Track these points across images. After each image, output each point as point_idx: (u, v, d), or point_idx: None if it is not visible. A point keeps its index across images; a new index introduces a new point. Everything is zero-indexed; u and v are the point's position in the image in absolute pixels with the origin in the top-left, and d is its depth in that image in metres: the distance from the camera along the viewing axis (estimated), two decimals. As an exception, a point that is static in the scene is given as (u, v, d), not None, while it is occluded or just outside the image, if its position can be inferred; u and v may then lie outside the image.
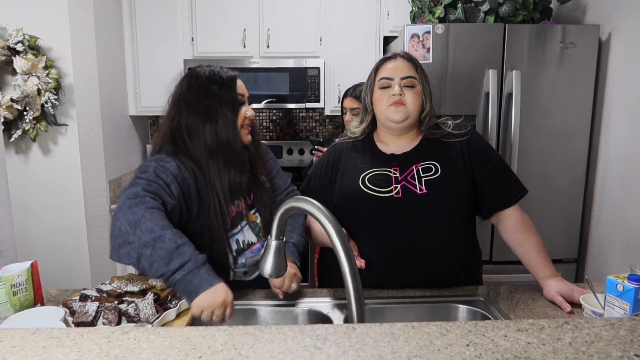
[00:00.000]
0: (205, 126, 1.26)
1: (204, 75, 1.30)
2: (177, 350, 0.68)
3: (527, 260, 1.33)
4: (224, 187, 1.26)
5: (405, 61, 1.35)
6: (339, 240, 0.88)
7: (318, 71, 2.81)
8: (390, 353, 0.66)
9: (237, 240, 1.32)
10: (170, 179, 1.20)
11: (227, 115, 1.27)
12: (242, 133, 1.32)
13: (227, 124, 1.27)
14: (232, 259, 1.31)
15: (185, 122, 1.27)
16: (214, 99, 1.27)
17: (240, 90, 1.32)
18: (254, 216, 1.38)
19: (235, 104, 1.29)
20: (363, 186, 1.33)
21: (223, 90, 1.28)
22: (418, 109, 1.33)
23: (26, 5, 2.27)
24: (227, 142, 1.27)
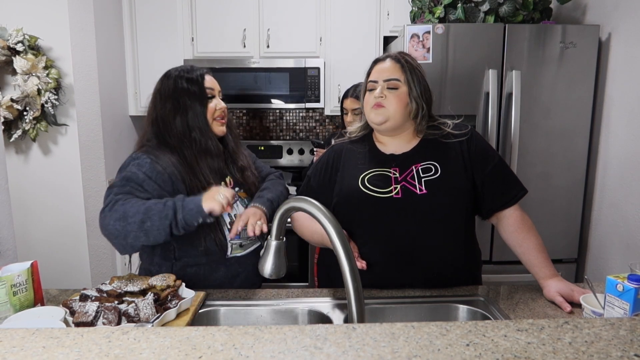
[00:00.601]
0: (176, 118, 1.40)
1: (175, 73, 1.45)
2: (177, 350, 0.68)
3: (527, 260, 1.33)
4: (204, 170, 1.38)
5: (393, 62, 1.33)
6: (339, 240, 0.88)
7: (318, 71, 2.81)
8: (390, 353, 0.66)
9: (229, 214, 1.41)
10: (141, 177, 1.30)
11: (196, 108, 1.40)
12: (214, 124, 1.45)
13: (197, 115, 1.40)
14: (227, 231, 1.40)
15: (160, 117, 1.41)
16: (182, 93, 1.41)
17: (209, 85, 1.45)
18: (242, 193, 1.50)
19: (204, 98, 1.42)
20: (362, 187, 1.33)
21: (191, 85, 1.41)
22: (400, 111, 1.31)
23: (26, 5, 2.27)
24: (198, 131, 1.40)
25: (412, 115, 1.33)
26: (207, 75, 1.46)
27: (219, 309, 1.26)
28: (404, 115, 1.32)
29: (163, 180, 1.33)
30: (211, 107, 1.43)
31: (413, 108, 1.32)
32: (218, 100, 1.47)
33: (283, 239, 1.01)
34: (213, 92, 1.45)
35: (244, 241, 1.43)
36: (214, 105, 1.44)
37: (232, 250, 1.41)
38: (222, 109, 1.47)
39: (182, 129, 1.39)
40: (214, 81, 1.48)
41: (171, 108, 1.40)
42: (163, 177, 1.33)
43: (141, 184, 1.30)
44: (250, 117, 3.35)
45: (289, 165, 3.23)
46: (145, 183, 1.30)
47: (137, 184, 1.30)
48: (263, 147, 3.26)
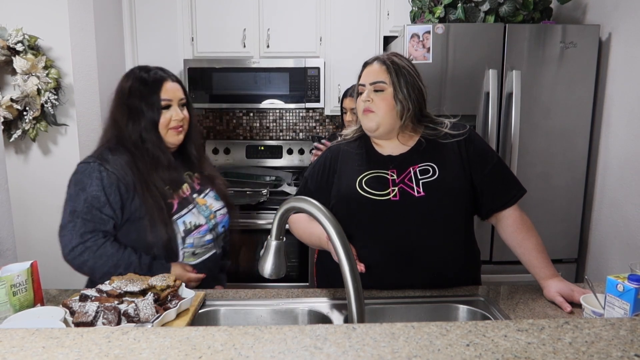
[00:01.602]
0: (129, 125, 1.37)
1: (134, 76, 1.41)
2: (177, 350, 0.68)
3: (527, 261, 1.32)
4: (157, 182, 1.36)
5: (379, 65, 1.32)
6: (339, 240, 0.88)
7: (318, 71, 2.81)
8: (390, 353, 0.66)
9: (184, 221, 1.39)
10: (102, 201, 1.31)
11: (148, 117, 1.37)
12: (169, 134, 1.41)
13: (149, 125, 1.37)
14: (180, 240, 1.38)
15: (115, 119, 1.40)
16: (137, 99, 1.37)
17: (167, 95, 1.39)
18: (203, 200, 1.47)
19: (157, 107, 1.38)
20: (360, 189, 1.33)
21: (147, 93, 1.37)
22: (388, 114, 1.30)
23: (26, 5, 2.27)
24: (150, 142, 1.37)
25: (398, 116, 1.31)
26: (167, 83, 1.41)
27: (219, 309, 1.26)
28: (394, 118, 1.31)
29: (120, 196, 1.33)
30: (166, 117, 1.39)
31: (398, 109, 1.30)
32: (176, 110, 1.40)
33: (283, 239, 1.01)
34: (170, 102, 1.40)
35: (197, 249, 1.43)
36: (169, 116, 1.39)
37: (184, 259, 1.40)
38: (179, 119, 1.41)
39: (134, 137, 1.37)
40: (175, 89, 1.42)
41: (125, 113, 1.38)
42: (119, 190, 1.33)
43: (101, 209, 1.31)
44: (250, 117, 3.35)
45: (289, 165, 3.23)
46: (105, 209, 1.32)
47: (98, 211, 1.31)
48: (263, 147, 3.26)
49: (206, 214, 1.45)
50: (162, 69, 1.45)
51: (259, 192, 2.91)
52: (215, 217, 1.48)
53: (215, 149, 3.25)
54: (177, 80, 1.46)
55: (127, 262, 1.31)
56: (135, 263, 1.32)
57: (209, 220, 1.45)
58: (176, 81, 1.45)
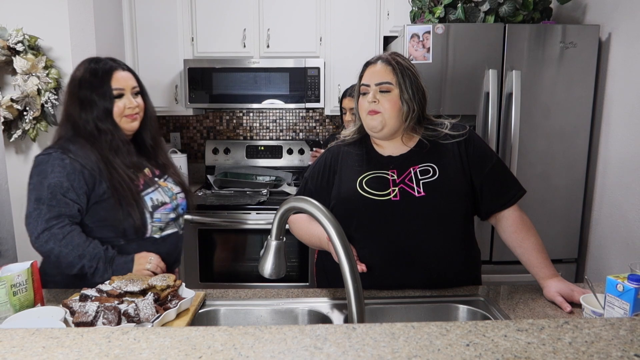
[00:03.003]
0: (81, 115, 1.40)
1: (84, 67, 1.43)
2: (177, 350, 0.68)
3: (527, 261, 1.32)
4: (119, 166, 1.40)
5: (384, 65, 1.31)
6: (339, 240, 0.88)
7: (318, 71, 2.81)
8: (390, 353, 0.66)
9: (152, 198, 1.46)
10: (66, 187, 1.34)
11: (101, 106, 1.40)
12: (123, 121, 1.44)
13: (102, 114, 1.40)
14: (148, 214, 1.44)
15: (69, 111, 1.42)
16: (88, 90, 1.40)
17: (118, 84, 1.42)
18: (164, 183, 1.54)
19: (109, 96, 1.40)
20: (360, 189, 1.33)
21: (97, 83, 1.40)
22: (394, 115, 1.30)
23: (26, 5, 2.27)
24: (105, 130, 1.40)
25: (404, 117, 1.31)
26: (118, 72, 1.43)
27: (219, 309, 1.26)
28: (399, 118, 1.31)
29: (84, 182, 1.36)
30: (120, 106, 1.42)
31: (405, 110, 1.30)
32: (128, 98, 1.44)
33: (283, 239, 1.01)
34: (123, 90, 1.42)
35: (163, 224, 1.48)
36: (122, 105, 1.42)
37: (152, 232, 1.46)
38: (133, 107, 1.44)
39: (90, 127, 1.40)
40: (127, 77, 1.45)
41: (78, 104, 1.40)
42: (84, 176, 1.36)
43: (65, 194, 1.34)
44: (250, 117, 3.35)
45: (289, 165, 3.23)
46: (69, 193, 1.34)
47: (62, 196, 1.33)
48: (263, 147, 3.26)
49: (169, 195, 1.52)
50: (113, 59, 1.47)
51: (259, 192, 2.91)
52: (177, 199, 1.55)
53: (215, 149, 3.25)
54: (129, 69, 1.48)
55: (93, 253, 1.34)
56: (100, 255, 1.34)
57: (172, 200, 1.52)
58: (127, 70, 1.47)
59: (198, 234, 2.65)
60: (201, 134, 3.36)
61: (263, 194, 2.86)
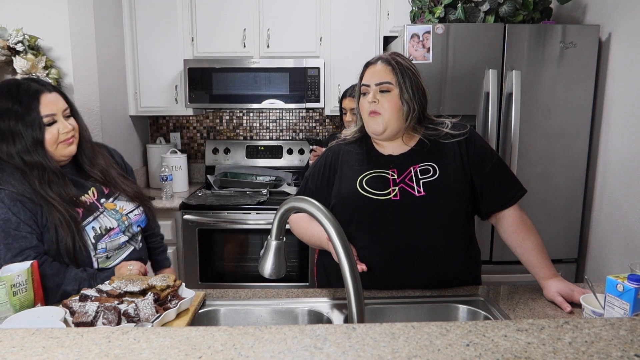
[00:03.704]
0: (2, 148, 1.24)
1: (3, 95, 1.25)
2: (177, 350, 0.68)
3: (527, 261, 1.32)
4: (52, 196, 1.26)
5: (384, 65, 1.31)
6: (339, 240, 0.88)
7: (318, 71, 2.81)
8: (390, 353, 0.66)
9: (93, 227, 1.34)
10: (14, 221, 1.22)
11: (30, 137, 1.24)
12: (60, 148, 1.30)
13: (30, 145, 1.24)
14: (91, 245, 1.33)
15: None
16: (11, 121, 1.23)
17: (49, 110, 1.27)
18: (112, 204, 1.41)
19: (38, 125, 1.25)
20: (361, 189, 1.33)
21: (23, 111, 1.24)
22: (395, 115, 1.30)
23: (26, 5, 2.27)
24: (33, 164, 1.25)
25: (404, 117, 1.31)
26: (45, 95, 1.27)
27: (218, 309, 1.26)
28: (400, 119, 1.31)
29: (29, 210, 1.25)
30: (53, 133, 1.27)
31: (405, 110, 1.30)
32: (62, 123, 1.29)
33: (283, 239, 1.01)
34: (54, 116, 1.28)
35: (110, 253, 1.38)
36: (56, 131, 1.28)
37: (98, 264, 1.36)
38: (67, 132, 1.30)
39: (15, 160, 1.25)
40: (56, 100, 1.29)
41: (3, 144, 1.24)
42: (25, 206, 1.24)
43: (17, 228, 1.23)
44: (250, 117, 3.35)
45: (289, 165, 3.23)
46: (20, 227, 1.23)
47: (16, 231, 1.22)
48: (263, 147, 3.26)
49: (117, 217, 1.40)
50: (35, 80, 1.32)
51: (259, 192, 2.91)
52: (129, 219, 1.43)
53: (215, 149, 3.25)
54: (55, 89, 1.33)
55: (71, 277, 1.26)
56: (79, 276, 1.27)
57: (121, 223, 1.40)
58: (54, 91, 1.31)
59: (198, 234, 2.65)
60: (201, 134, 3.36)
61: (263, 194, 2.86)
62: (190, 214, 2.63)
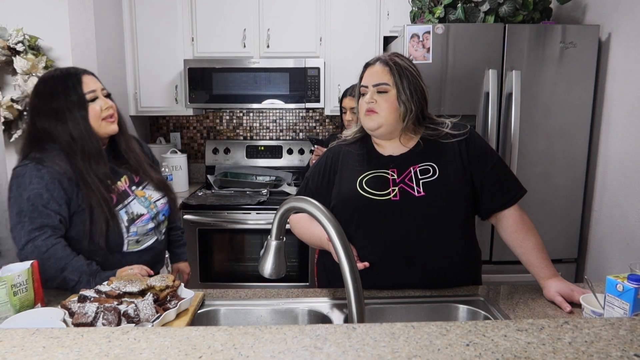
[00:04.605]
0: (57, 127, 1.36)
1: (49, 78, 1.39)
2: (177, 350, 0.68)
3: (527, 261, 1.32)
4: (93, 179, 1.36)
5: (382, 66, 1.32)
6: (339, 240, 0.88)
7: (318, 71, 2.81)
8: (390, 353, 0.66)
9: (127, 211, 1.43)
10: (46, 198, 1.31)
11: (76, 114, 1.37)
12: (103, 125, 1.41)
13: (78, 122, 1.37)
14: (124, 228, 1.42)
15: (41, 127, 1.38)
16: (59, 101, 1.36)
17: (89, 87, 1.39)
18: (142, 192, 1.51)
19: (83, 102, 1.37)
20: (360, 189, 1.33)
21: (67, 91, 1.37)
22: (392, 115, 1.30)
23: (26, 5, 2.27)
24: (81, 139, 1.37)
25: (401, 117, 1.31)
26: (85, 76, 1.41)
27: (218, 309, 1.26)
28: (397, 119, 1.31)
29: (64, 191, 1.33)
30: (96, 109, 1.39)
31: (402, 111, 1.30)
32: (102, 99, 1.42)
33: (283, 239, 1.01)
34: (95, 93, 1.40)
35: (140, 237, 1.47)
36: (99, 107, 1.39)
37: (128, 246, 1.44)
38: (109, 107, 1.42)
39: (64, 138, 1.36)
40: (95, 80, 1.43)
41: (50, 119, 1.37)
42: (62, 185, 1.33)
43: (46, 205, 1.31)
44: (250, 117, 3.35)
45: (289, 165, 3.23)
46: (49, 204, 1.31)
47: (43, 208, 1.31)
48: (263, 147, 3.26)
49: (146, 205, 1.49)
50: (73, 67, 1.45)
51: (259, 192, 2.91)
52: (156, 207, 1.52)
53: (215, 149, 3.25)
54: (92, 73, 1.46)
55: (76, 266, 1.31)
56: (83, 268, 1.32)
57: (150, 210, 1.49)
58: (91, 74, 1.45)
59: (198, 234, 2.65)
60: (201, 134, 3.36)
61: (263, 194, 2.86)
62: (190, 214, 2.64)
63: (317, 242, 1.36)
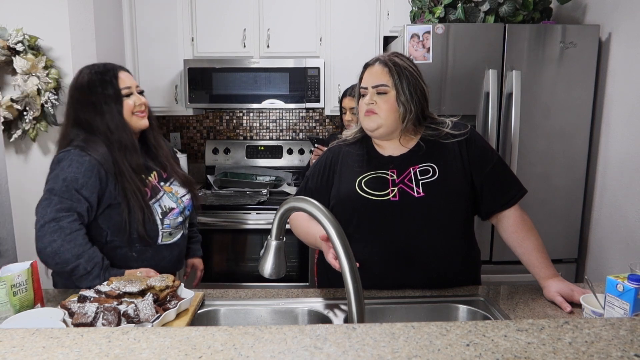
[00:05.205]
0: (95, 119, 1.44)
1: (88, 74, 1.46)
2: (177, 350, 0.68)
3: (527, 261, 1.32)
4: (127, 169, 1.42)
5: (381, 67, 1.31)
6: (339, 240, 0.88)
7: (318, 71, 2.80)
8: (390, 353, 0.66)
9: (160, 204, 1.50)
10: (81, 183, 1.36)
11: (112, 109, 1.44)
12: (134, 119, 1.48)
13: (114, 115, 1.44)
14: (159, 220, 1.48)
15: (80, 118, 1.45)
16: (97, 95, 1.43)
17: (125, 83, 1.47)
18: (169, 187, 1.57)
19: (119, 97, 1.45)
20: (359, 189, 1.33)
21: (105, 85, 1.44)
22: (391, 116, 1.30)
23: (26, 5, 2.27)
24: (117, 130, 1.44)
25: (400, 118, 1.31)
26: (121, 73, 1.48)
27: (218, 309, 1.26)
28: (396, 119, 1.31)
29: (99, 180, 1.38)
30: (129, 104, 1.46)
31: (401, 112, 1.30)
32: (136, 95, 1.49)
33: (283, 239, 1.01)
34: (130, 89, 1.48)
35: (172, 230, 1.53)
36: (132, 102, 1.47)
37: (162, 238, 1.50)
38: (142, 103, 1.50)
39: (102, 129, 1.43)
40: (130, 77, 1.51)
41: (89, 110, 1.44)
42: (99, 175, 1.38)
43: (79, 190, 1.35)
44: (250, 117, 3.35)
45: (289, 165, 3.23)
46: (82, 190, 1.36)
47: (76, 192, 1.35)
48: (263, 147, 3.26)
49: (174, 200, 1.55)
50: (109, 63, 1.52)
51: (259, 192, 2.91)
52: (183, 202, 1.58)
53: (215, 149, 3.25)
54: (127, 69, 1.53)
55: (92, 256, 1.35)
56: (98, 260, 1.36)
57: (178, 205, 1.55)
58: (126, 70, 1.52)
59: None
60: (201, 134, 3.36)
61: (263, 194, 2.86)
62: (190, 214, 2.63)
63: (312, 241, 1.36)
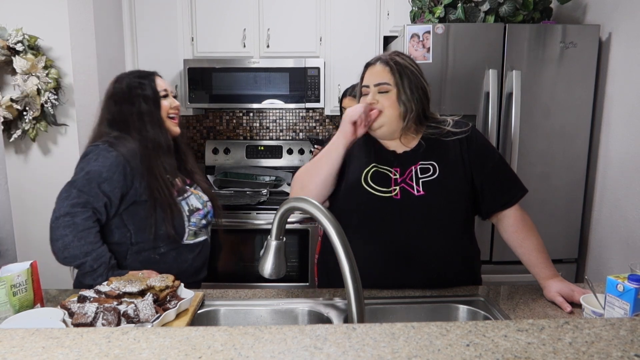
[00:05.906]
0: (132, 117, 1.48)
1: (127, 78, 1.54)
2: (177, 350, 0.68)
3: (528, 261, 1.32)
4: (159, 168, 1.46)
5: (382, 66, 1.32)
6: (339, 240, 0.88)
7: (318, 71, 2.80)
8: (390, 353, 0.66)
9: (187, 202, 1.53)
10: (104, 177, 1.37)
11: (150, 108, 1.49)
12: (169, 123, 1.54)
13: (152, 117, 1.49)
14: (186, 217, 1.50)
15: (117, 118, 1.49)
16: (136, 96, 1.49)
17: (161, 87, 1.54)
18: (195, 190, 1.60)
19: (157, 99, 1.51)
20: (365, 183, 1.33)
21: (143, 86, 1.50)
22: (394, 115, 1.30)
23: (26, 5, 2.27)
24: (152, 129, 1.48)
25: (401, 117, 1.31)
26: (158, 78, 1.55)
27: (218, 309, 1.26)
28: (397, 119, 1.31)
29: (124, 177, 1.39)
30: (165, 105, 1.52)
31: (402, 111, 1.30)
32: (171, 99, 1.56)
33: (283, 239, 1.01)
34: (166, 92, 1.54)
35: (197, 229, 1.55)
36: (168, 104, 1.53)
37: (188, 236, 1.51)
38: (176, 106, 1.56)
39: (139, 126, 1.47)
40: (165, 82, 1.58)
41: (127, 110, 1.48)
42: (125, 171, 1.39)
43: (100, 185, 1.37)
44: (250, 117, 3.35)
45: (289, 165, 3.23)
46: (104, 185, 1.37)
47: (97, 186, 1.36)
48: (263, 147, 3.26)
49: (201, 201, 1.58)
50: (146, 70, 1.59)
51: (259, 192, 2.91)
52: (207, 206, 1.60)
53: (215, 149, 3.25)
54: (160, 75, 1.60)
55: (100, 254, 1.36)
56: (105, 259, 1.37)
57: (204, 207, 1.58)
58: (160, 76, 1.59)
59: (198, 234, 2.65)
60: (201, 134, 3.36)
61: (263, 194, 2.86)
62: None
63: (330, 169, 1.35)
